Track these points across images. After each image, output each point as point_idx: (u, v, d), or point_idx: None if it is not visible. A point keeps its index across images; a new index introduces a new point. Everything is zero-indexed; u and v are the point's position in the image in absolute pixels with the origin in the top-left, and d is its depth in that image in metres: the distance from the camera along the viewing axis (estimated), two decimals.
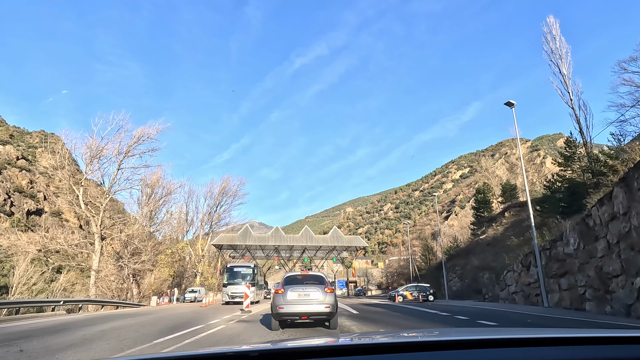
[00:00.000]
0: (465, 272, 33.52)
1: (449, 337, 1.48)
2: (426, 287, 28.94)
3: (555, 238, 17.05)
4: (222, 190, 64.55)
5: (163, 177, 46.90)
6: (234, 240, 58.16)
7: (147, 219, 37.36)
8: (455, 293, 33.86)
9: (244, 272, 24.99)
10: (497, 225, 38.04)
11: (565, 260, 16.11)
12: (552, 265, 17.21)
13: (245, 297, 14.91)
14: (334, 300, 8.71)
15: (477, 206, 44.59)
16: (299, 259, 69.51)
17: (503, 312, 15.53)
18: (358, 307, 20.57)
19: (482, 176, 63.01)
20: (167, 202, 48.07)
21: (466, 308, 18.56)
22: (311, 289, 8.73)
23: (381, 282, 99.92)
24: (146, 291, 36.12)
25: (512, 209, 38.32)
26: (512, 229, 33.57)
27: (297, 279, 9.46)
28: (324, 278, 9.55)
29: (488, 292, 25.92)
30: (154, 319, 12.47)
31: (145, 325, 10.59)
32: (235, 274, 24.84)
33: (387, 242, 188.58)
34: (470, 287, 31.51)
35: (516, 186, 44.48)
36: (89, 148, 27.86)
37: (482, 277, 30.24)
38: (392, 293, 28.67)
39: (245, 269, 25.60)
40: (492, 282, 28.67)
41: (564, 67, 26.61)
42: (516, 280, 21.42)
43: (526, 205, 37.09)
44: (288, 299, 8.53)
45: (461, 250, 40.40)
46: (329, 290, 8.80)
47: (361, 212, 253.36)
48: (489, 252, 32.15)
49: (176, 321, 11.61)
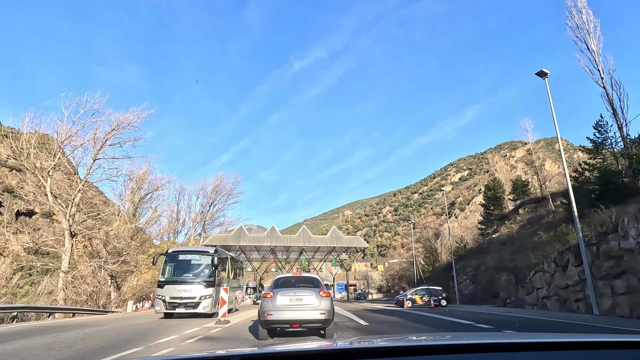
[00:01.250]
0: (479, 273, 30.42)
1: (459, 341, 1.40)
2: (437, 290, 25.80)
3: (607, 230, 13.96)
4: (216, 188, 61.26)
5: (150, 172, 43.77)
6: (227, 240, 54.82)
7: (130, 215, 34.04)
8: (467, 297, 30.75)
9: (197, 262, 15.10)
10: (511, 223, 35.01)
11: (621, 258, 13.05)
12: (600, 264, 14.14)
13: (222, 303, 11.38)
14: (329, 306, 7.87)
15: (486, 203, 41.55)
16: (297, 260, 66.11)
17: (541, 321, 12.44)
18: (364, 314, 17.42)
19: (488, 174, 59.93)
20: (154, 198, 44.85)
21: (495, 316, 15.44)
22: (304, 292, 7.78)
23: (381, 285, 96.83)
24: (126, 295, 32.84)
25: (527, 205, 35.30)
26: (529, 226, 30.56)
27: (288, 281, 8.58)
28: (318, 280, 8.70)
29: (510, 297, 22.81)
30: (96, 332, 9.38)
31: (76, 343, 7.55)
32: (180, 266, 15.00)
33: (386, 244, 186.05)
34: (485, 290, 28.41)
35: (528, 182, 41.51)
36: (58, 133, 24.70)
37: (499, 279, 27.16)
38: (399, 297, 25.54)
39: (200, 256, 15.31)
40: (511, 284, 25.61)
41: (592, 42, 23.70)
42: (548, 283, 18.34)
43: (545, 201, 34.25)
44: (278, 304, 7.60)
45: (471, 250, 37.31)
46: (324, 295, 7.90)
47: (360, 215, 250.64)
48: (505, 251, 29.09)
49: (120, 337, 8.51)
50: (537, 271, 19.40)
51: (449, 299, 25.41)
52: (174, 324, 11.76)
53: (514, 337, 1.56)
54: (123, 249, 30.78)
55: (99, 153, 29.10)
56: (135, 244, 35.63)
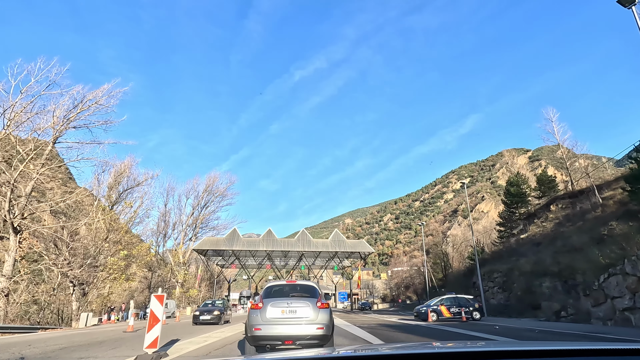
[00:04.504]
0: (510, 279, 25.56)
1: (466, 349, 1.36)
2: (468, 300, 20.89)
3: None
4: (208, 188, 56.60)
5: (132, 166, 39.16)
6: (219, 244, 49.86)
7: (99, 210, 29.21)
8: (496, 308, 25.82)
9: None
10: (542, 221, 30.25)
11: None
12: None
13: None
14: (328, 319, 6.65)
15: (508, 201, 36.80)
16: (295, 267, 60.94)
17: None
18: (383, 333, 12.61)
19: (491, 182, 55.52)
20: (138, 198, 40.02)
21: (592, 337, 10.66)
22: (299, 303, 6.64)
23: (385, 294, 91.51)
24: (94, 305, 27.88)
25: (560, 201, 30.59)
26: (569, 223, 25.87)
27: (281, 290, 7.30)
28: (316, 289, 7.38)
29: (565, 308, 17.93)
30: None
31: None
32: None
33: (388, 253, 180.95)
34: (521, 300, 23.54)
35: (555, 177, 36.87)
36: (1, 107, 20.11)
37: (539, 285, 22.35)
38: (420, 309, 20.58)
39: None
40: (557, 292, 20.81)
41: None
42: (632, 290, 13.57)
43: (583, 195, 29.60)
44: (268, 317, 6.46)
45: (497, 253, 32.41)
46: (322, 306, 6.71)
47: (361, 223, 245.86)
48: (543, 252, 24.33)
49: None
50: (611, 274, 14.64)
51: (483, 311, 20.51)
52: (109, 346, 7.06)
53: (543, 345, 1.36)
54: (88, 248, 25.98)
55: (60, 136, 24.62)
56: (108, 246, 30.77)
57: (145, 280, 55.19)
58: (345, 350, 1.58)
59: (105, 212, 28.73)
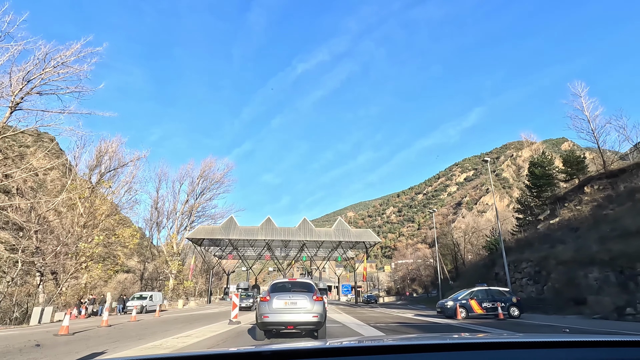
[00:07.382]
0: (545, 270, 22.02)
1: (456, 340, 1.40)
2: (504, 293, 17.36)
3: None
4: (204, 174, 53.03)
5: (120, 145, 35.65)
6: (215, 233, 46.46)
7: (72, 190, 25.71)
8: (527, 302, 22.28)
9: None
10: (576, 205, 26.64)
11: None
12: None
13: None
14: (322, 309, 8.24)
15: (532, 183, 33.13)
16: (296, 258, 57.57)
17: None
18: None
19: (495, 174, 51.71)
20: (127, 182, 36.48)
21: None
22: (298, 297, 8.27)
23: (390, 287, 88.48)
24: (67, 297, 24.55)
25: (597, 181, 26.94)
26: (614, 205, 22.27)
27: (284, 286, 8.98)
28: (312, 286, 9.02)
29: (632, 304, 14.39)
30: None
31: None
32: None
33: (390, 246, 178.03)
34: (559, 293, 20.03)
35: (585, 157, 33.17)
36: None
37: (584, 277, 18.82)
38: (446, 303, 16.98)
39: None
40: (611, 284, 17.29)
41: None
42: None
43: (626, 174, 25.98)
44: (274, 307, 8.10)
45: (524, 240, 28.84)
46: (317, 299, 8.33)
47: (363, 216, 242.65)
48: (585, 238, 20.78)
49: None
50: None
51: (522, 306, 16.97)
52: None
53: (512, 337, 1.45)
54: (57, 232, 22.61)
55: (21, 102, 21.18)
56: (85, 231, 27.42)
57: (138, 272, 52.13)
58: (348, 341, 1.65)
59: (77, 190, 25.26)
